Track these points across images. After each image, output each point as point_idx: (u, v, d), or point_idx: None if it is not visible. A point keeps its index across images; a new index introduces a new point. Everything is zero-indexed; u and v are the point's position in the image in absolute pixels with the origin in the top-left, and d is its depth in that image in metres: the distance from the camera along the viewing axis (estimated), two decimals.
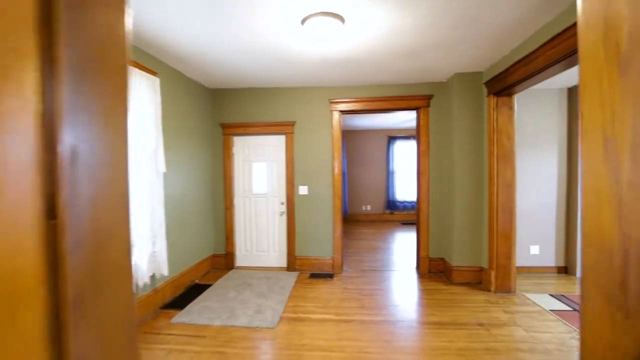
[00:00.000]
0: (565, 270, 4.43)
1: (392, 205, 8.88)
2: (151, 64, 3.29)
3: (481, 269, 4.02)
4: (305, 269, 4.63)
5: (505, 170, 3.66)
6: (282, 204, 4.71)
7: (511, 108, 3.65)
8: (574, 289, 3.88)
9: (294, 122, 4.58)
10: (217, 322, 3.08)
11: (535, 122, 4.38)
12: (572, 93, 4.31)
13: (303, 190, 4.62)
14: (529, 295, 3.62)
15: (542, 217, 4.41)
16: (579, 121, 0.59)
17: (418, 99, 4.38)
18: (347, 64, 3.63)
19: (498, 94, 3.61)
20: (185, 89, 4.02)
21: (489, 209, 3.80)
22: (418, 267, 4.56)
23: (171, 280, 3.67)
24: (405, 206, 8.94)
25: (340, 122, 4.58)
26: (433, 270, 4.47)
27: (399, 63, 3.59)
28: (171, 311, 3.35)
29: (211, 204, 4.73)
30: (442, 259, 4.45)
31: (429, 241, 4.47)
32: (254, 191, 4.77)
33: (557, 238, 4.43)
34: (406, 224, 8.44)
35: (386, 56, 3.37)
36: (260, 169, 4.75)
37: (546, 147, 4.39)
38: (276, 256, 4.76)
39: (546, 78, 2.97)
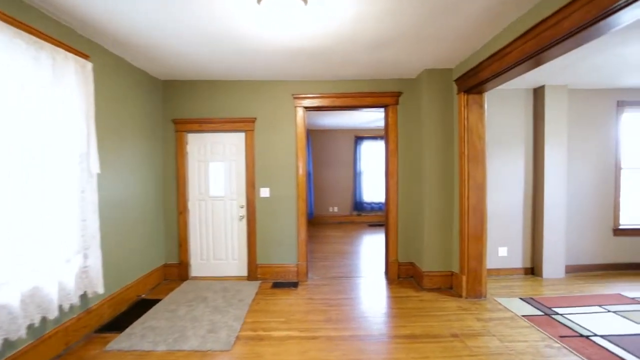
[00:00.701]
0: (531, 271, 4.41)
1: (359, 206, 8.71)
2: (81, 44, 2.81)
3: (452, 274, 3.87)
4: (268, 278, 4.28)
5: (476, 171, 3.53)
6: (242, 207, 4.32)
7: (482, 106, 3.53)
8: (542, 291, 3.82)
9: (255, 118, 4.21)
10: (161, 347, 2.65)
11: (502, 122, 4.31)
12: (538, 94, 4.29)
13: (265, 192, 4.26)
14: (499, 300, 3.51)
15: (510, 218, 4.36)
16: None
17: (386, 95, 4.17)
18: (311, 55, 3.33)
19: (469, 91, 3.47)
20: (129, 78, 3.54)
21: (459, 211, 3.65)
22: (387, 273, 4.36)
23: (110, 298, 3.18)
24: (372, 207, 8.80)
25: (304, 119, 4.27)
26: (402, 275, 4.28)
27: (367, 55, 3.34)
28: (109, 334, 2.88)
29: (162, 209, 4.24)
30: (412, 264, 4.27)
31: (397, 245, 4.27)
32: (210, 193, 4.34)
33: (524, 239, 4.39)
34: (374, 225, 8.30)
35: (353, 46, 3.11)
36: (217, 169, 4.33)
37: (513, 148, 4.34)
38: (235, 264, 4.36)
39: (519, 74, 2.83)
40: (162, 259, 4.26)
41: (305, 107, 4.25)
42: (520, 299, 3.57)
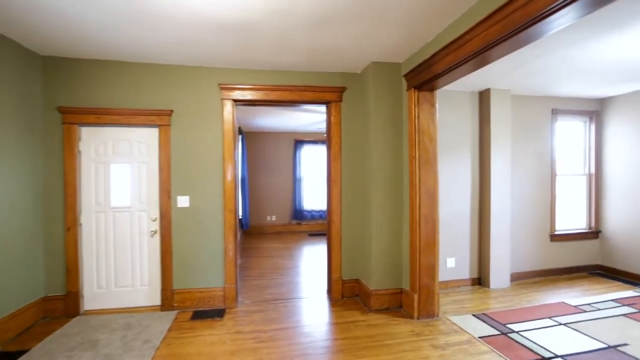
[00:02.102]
0: (478, 281, 4.22)
1: (299, 215, 8.15)
2: None
3: (402, 291, 3.47)
4: (188, 306, 3.49)
5: (427, 176, 3.18)
6: (154, 220, 3.49)
7: (433, 105, 3.20)
8: (492, 304, 3.60)
9: (171, 111, 3.44)
10: None
11: (449, 125, 4.09)
12: (483, 97, 4.15)
13: (183, 201, 3.49)
14: (453, 319, 3.17)
15: (458, 227, 4.13)
16: None
17: (329, 90, 3.68)
18: (240, 30, 2.70)
19: (420, 87, 3.12)
20: None
21: (410, 221, 3.27)
22: (330, 292, 3.83)
23: None
24: (313, 216, 8.31)
25: (233, 114, 3.61)
26: (347, 294, 3.79)
27: (306, 36, 2.81)
28: None
29: (41, 224, 3.24)
30: (358, 280, 3.80)
31: (341, 260, 3.77)
32: (112, 204, 3.44)
33: (471, 249, 4.19)
34: (314, 235, 7.79)
35: (290, 19, 2.55)
36: (122, 173, 3.46)
37: (460, 153, 4.14)
38: (145, 292, 3.50)
39: (476, 68, 2.52)
40: (41, 291, 3.24)
41: (235, 100, 3.59)
42: (473, 315, 3.28)
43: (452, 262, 4.09)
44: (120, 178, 3.45)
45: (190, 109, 3.49)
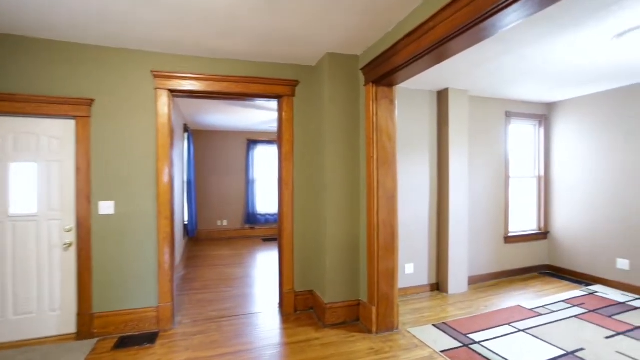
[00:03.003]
0: (437, 287, 4.08)
1: (252, 218, 7.68)
2: None
3: (359, 303, 3.20)
4: (112, 332, 2.94)
5: (386, 178, 2.94)
6: (69, 230, 2.91)
7: (392, 102, 2.97)
8: (452, 311, 3.46)
9: (92, 100, 2.89)
10: None
11: (407, 125, 3.92)
12: (442, 97, 4.04)
13: (107, 207, 2.94)
14: (413, 332, 2.95)
15: (417, 231, 3.96)
16: None
17: (280, 83, 3.34)
18: (179, 4, 2.27)
19: (378, 82, 2.88)
20: None
21: (367, 227, 3.01)
22: (281, 306, 3.47)
23: None
24: (267, 219, 7.88)
25: (170, 107, 3.14)
26: (301, 307, 3.45)
27: (255, 16, 2.45)
28: None
29: None
30: (312, 292, 3.48)
31: (294, 270, 3.43)
32: (11, 211, 2.81)
33: (429, 254, 4.05)
34: (269, 240, 7.38)
35: None
36: (26, 173, 2.84)
37: (418, 154, 3.99)
38: (56, 318, 2.89)
39: (439, 60, 2.31)
40: None
41: (172, 91, 3.12)
42: (434, 325, 3.10)
43: (411, 268, 3.92)
44: (23, 180, 2.83)
45: (116, 99, 2.96)
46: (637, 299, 3.80)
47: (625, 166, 3.99)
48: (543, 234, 4.83)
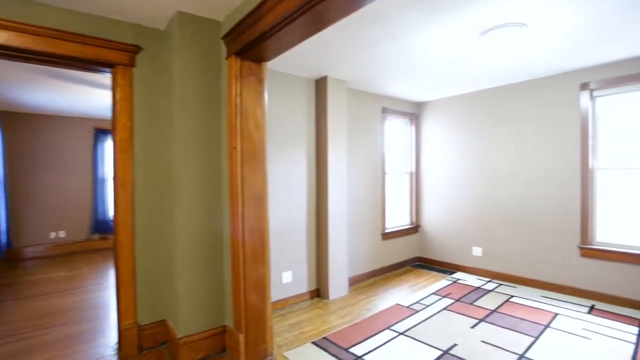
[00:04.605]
0: (317, 293, 3.76)
1: (102, 226, 6.20)
2: None
3: (224, 330, 2.58)
4: None
5: (253, 175, 2.39)
6: None
7: (261, 81, 2.44)
8: (333, 321, 3.15)
9: None
10: None
11: (283, 114, 3.47)
12: (320, 86, 3.71)
13: None
14: (291, 356, 2.50)
15: (294, 234, 3.54)
16: None
17: (112, 46, 2.45)
18: None
19: (243, 54, 2.30)
20: None
21: (231, 236, 2.41)
22: (120, 345, 2.59)
23: None
24: None
25: None
26: (148, 344, 2.63)
27: None
28: None
29: None
30: (164, 322, 2.70)
31: (136, 297, 2.59)
32: None
33: (309, 258, 3.69)
34: None
35: None
36: None
37: (295, 149, 3.57)
38: None
39: (315, 28, 1.87)
40: None
41: None
42: (313, 343, 2.70)
43: (289, 276, 3.49)
44: None
45: None
46: (488, 281, 4.19)
47: (479, 164, 4.37)
48: (415, 228, 5.04)
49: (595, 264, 3.47)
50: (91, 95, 4.69)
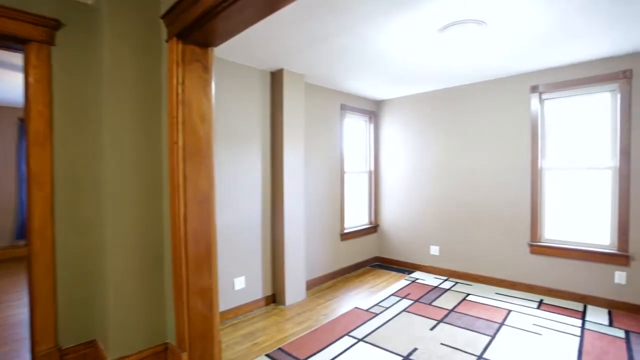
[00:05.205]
0: (273, 299, 3.54)
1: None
2: None
3: (166, 347, 2.29)
4: None
5: (197, 174, 2.13)
6: None
7: (207, 69, 2.18)
8: (289, 329, 2.95)
9: None
10: None
11: (235, 108, 3.21)
12: (276, 79, 3.49)
13: None
14: None
15: (247, 237, 3.30)
16: None
17: (26, 19, 2.06)
18: None
19: (186, 37, 2.03)
20: None
21: (172, 241, 2.13)
22: None
23: None
24: None
25: None
26: None
27: None
28: None
29: None
30: (92, 343, 2.35)
31: (57, 315, 2.22)
32: None
33: (264, 262, 3.46)
34: None
35: None
36: None
37: (248, 146, 3.32)
38: None
39: (268, 9, 1.66)
40: None
41: None
42: (267, 356, 2.49)
43: (242, 282, 3.24)
44: None
45: None
46: (445, 279, 4.23)
47: (436, 163, 4.39)
48: (374, 228, 4.98)
49: (544, 260, 3.59)
50: (13, 80, 4.09)
